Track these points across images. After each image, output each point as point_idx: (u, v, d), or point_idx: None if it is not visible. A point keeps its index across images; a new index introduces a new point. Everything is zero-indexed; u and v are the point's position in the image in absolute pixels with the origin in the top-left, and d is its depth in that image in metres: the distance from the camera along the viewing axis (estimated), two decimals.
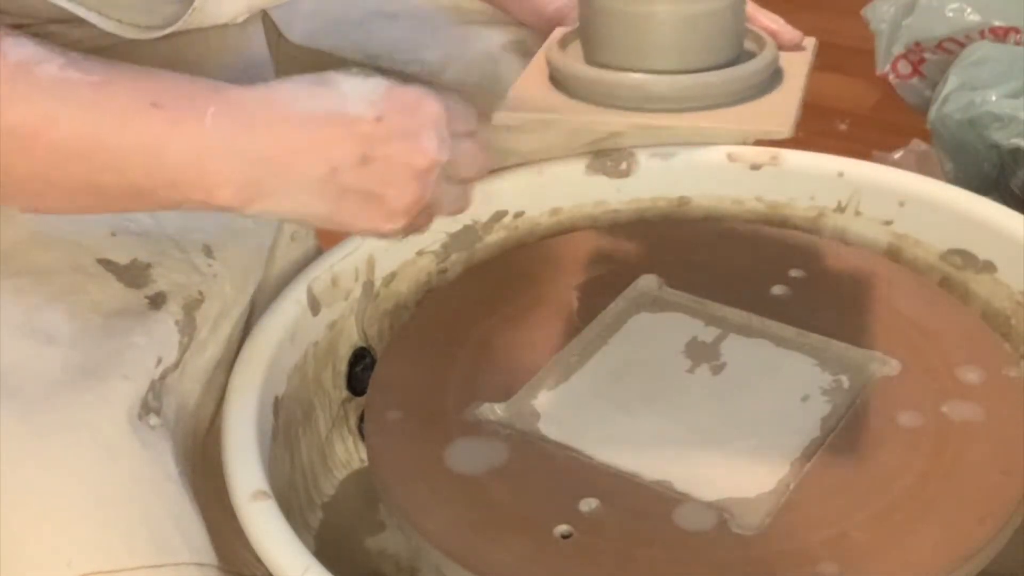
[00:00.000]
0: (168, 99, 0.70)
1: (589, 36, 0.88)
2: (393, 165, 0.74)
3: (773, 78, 0.90)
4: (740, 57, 0.88)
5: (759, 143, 1.04)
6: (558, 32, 0.94)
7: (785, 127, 0.84)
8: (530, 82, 0.90)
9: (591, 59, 0.88)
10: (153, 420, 0.81)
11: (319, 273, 0.95)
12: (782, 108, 0.86)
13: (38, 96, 0.68)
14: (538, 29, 0.98)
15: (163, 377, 0.83)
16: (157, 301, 0.85)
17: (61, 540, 0.75)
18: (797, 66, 0.92)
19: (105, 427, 0.78)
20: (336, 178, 0.73)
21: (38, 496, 0.75)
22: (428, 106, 0.75)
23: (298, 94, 0.73)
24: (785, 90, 0.89)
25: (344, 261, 0.97)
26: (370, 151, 0.73)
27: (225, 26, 0.83)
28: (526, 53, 0.98)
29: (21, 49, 0.68)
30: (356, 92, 0.73)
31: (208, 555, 0.80)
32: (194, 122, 0.69)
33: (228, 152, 0.70)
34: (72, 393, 0.78)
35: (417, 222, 0.79)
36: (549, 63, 0.91)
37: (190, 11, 0.77)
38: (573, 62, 0.88)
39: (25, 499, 0.74)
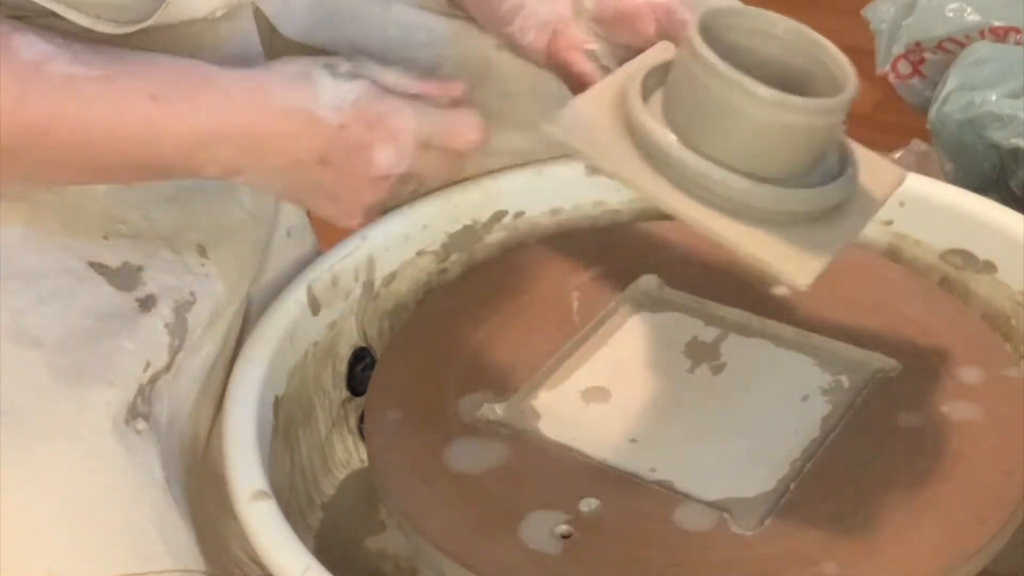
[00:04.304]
0: (166, 90, 0.76)
1: (677, 104, 0.78)
2: (347, 172, 0.79)
3: (841, 206, 0.79)
4: (816, 173, 0.78)
5: None
6: (640, 70, 0.81)
7: (800, 279, 0.75)
8: (595, 110, 0.80)
9: (670, 120, 0.78)
10: (141, 425, 0.81)
11: (319, 273, 0.95)
12: (815, 254, 0.76)
13: (49, 94, 0.74)
14: (490, 28, 0.97)
15: (153, 381, 0.83)
16: (147, 304, 0.85)
17: (40, 549, 0.75)
18: (875, 195, 0.81)
19: (87, 434, 0.77)
20: (297, 170, 0.79)
21: (17, 504, 0.74)
22: (393, 120, 0.78)
23: (280, 85, 0.78)
24: (838, 229, 0.78)
25: (344, 261, 0.97)
26: (328, 155, 0.78)
27: (215, 21, 0.83)
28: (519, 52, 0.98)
29: (33, 48, 0.74)
30: (329, 95, 0.78)
31: (194, 560, 0.80)
32: (188, 113, 0.76)
33: (215, 139, 0.77)
34: (55, 399, 0.78)
35: (373, 215, 0.85)
36: (632, 114, 0.79)
37: (164, 5, 0.78)
38: (662, 131, 0.77)
39: (4, 507, 0.74)
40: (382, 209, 0.87)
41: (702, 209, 0.76)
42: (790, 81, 0.78)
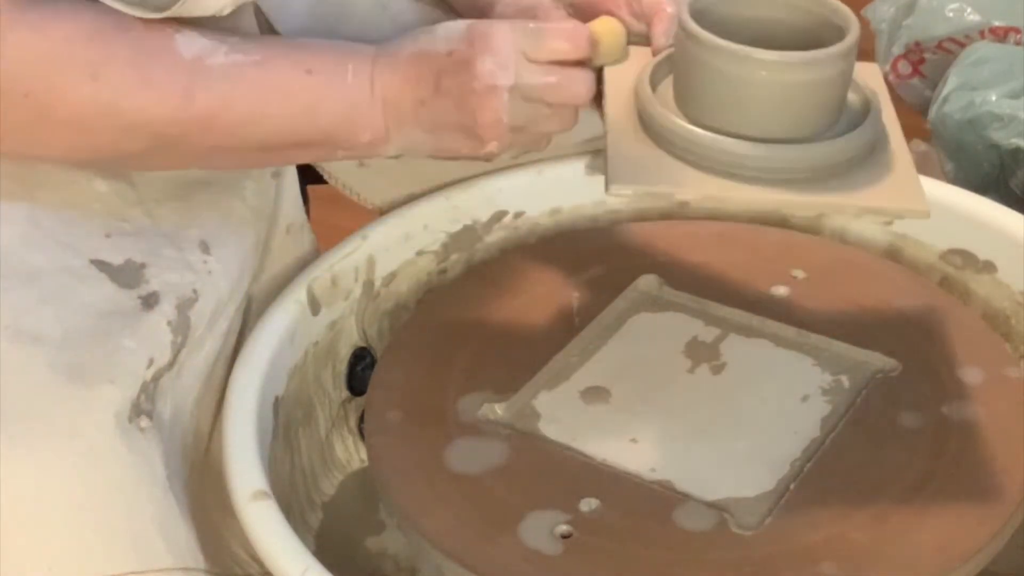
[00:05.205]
0: (319, 64, 0.82)
1: (689, 92, 0.81)
2: (460, 93, 0.81)
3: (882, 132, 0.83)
4: (846, 114, 0.81)
5: None
6: (645, 70, 0.85)
7: (921, 206, 0.77)
8: (626, 139, 0.82)
9: (685, 112, 0.81)
10: (144, 422, 0.81)
11: (319, 273, 0.95)
12: (906, 180, 0.78)
13: (215, 84, 0.79)
14: (470, 18, 0.97)
15: (156, 378, 0.83)
16: (150, 301, 0.85)
17: (42, 546, 0.75)
18: (886, 108, 0.84)
19: (89, 432, 0.77)
20: (423, 110, 0.83)
21: (18, 503, 0.74)
22: (492, 37, 0.81)
23: (405, 41, 0.84)
24: (892, 150, 0.81)
25: (344, 261, 0.97)
26: (441, 81, 0.81)
27: (217, 19, 0.83)
28: None
29: (192, 44, 0.79)
30: (443, 32, 0.83)
31: (194, 559, 0.80)
32: (339, 82, 0.82)
33: (364, 103, 0.82)
34: (57, 398, 0.78)
35: (515, 142, 0.85)
36: (650, 117, 0.82)
37: (180, 2, 0.78)
38: (686, 124, 0.80)
39: (6, 505, 0.74)
40: (517, 140, 0.85)
41: (784, 194, 0.78)
42: (796, 39, 0.80)
